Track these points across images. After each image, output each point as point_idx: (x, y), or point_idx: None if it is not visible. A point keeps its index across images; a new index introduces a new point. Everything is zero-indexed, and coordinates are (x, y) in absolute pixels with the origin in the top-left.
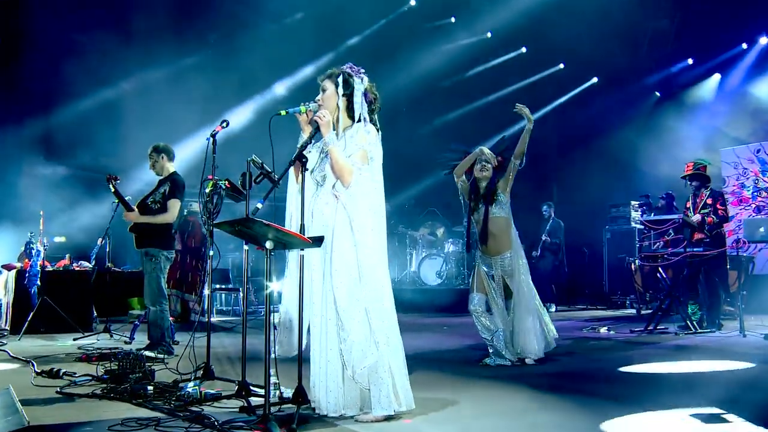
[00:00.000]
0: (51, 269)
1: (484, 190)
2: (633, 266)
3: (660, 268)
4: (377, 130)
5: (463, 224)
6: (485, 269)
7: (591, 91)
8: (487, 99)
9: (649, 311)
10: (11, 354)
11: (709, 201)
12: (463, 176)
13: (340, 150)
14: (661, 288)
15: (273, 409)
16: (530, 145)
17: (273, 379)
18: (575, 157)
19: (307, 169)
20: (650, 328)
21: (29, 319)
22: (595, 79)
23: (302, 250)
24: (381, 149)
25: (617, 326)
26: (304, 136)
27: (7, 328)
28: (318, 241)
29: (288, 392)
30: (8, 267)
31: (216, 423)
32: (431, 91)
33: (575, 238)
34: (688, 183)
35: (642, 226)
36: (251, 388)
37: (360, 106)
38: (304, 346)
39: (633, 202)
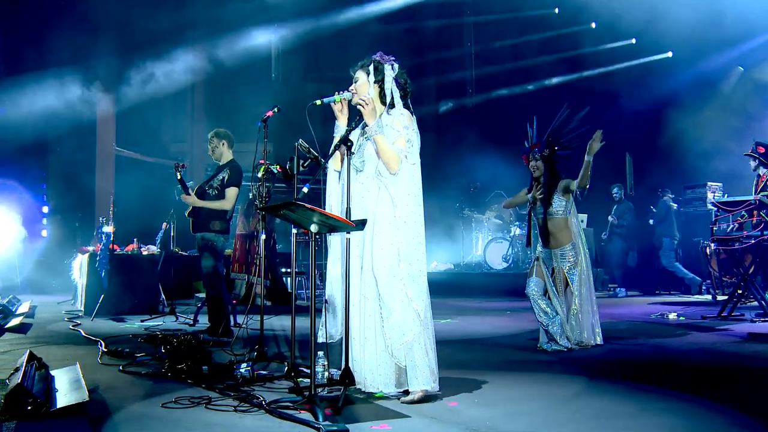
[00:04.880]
0: (120, 253)
1: (540, 191)
2: (708, 250)
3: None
4: (411, 114)
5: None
6: (544, 259)
7: (667, 66)
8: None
9: (725, 297)
10: (84, 334)
11: None
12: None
13: (385, 138)
14: (735, 273)
15: (322, 390)
16: (602, 123)
17: (322, 361)
18: (650, 137)
19: (353, 153)
20: (724, 314)
21: (100, 301)
22: (669, 53)
23: (348, 233)
24: (418, 132)
25: (689, 312)
26: (338, 123)
27: (81, 309)
28: (362, 224)
29: (337, 374)
30: (82, 250)
31: (263, 402)
32: None
33: (649, 220)
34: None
35: (714, 208)
36: (301, 369)
37: (390, 92)
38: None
39: (710, 183)
